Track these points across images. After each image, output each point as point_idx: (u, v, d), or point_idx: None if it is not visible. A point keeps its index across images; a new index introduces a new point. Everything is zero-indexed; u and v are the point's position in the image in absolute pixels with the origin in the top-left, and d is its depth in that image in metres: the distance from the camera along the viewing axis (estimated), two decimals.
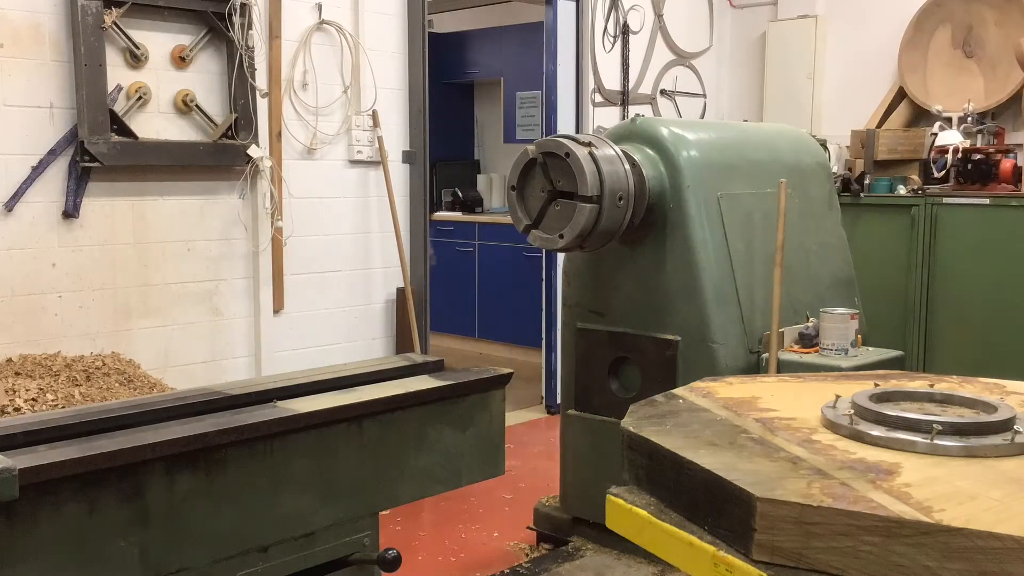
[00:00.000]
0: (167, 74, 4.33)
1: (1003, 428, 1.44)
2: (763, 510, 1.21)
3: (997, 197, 5.06)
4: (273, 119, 4.67)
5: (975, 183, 5.19)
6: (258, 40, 4.54)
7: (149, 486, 1.71)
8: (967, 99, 5.49)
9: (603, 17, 6.18)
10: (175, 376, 4.32)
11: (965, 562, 1.12)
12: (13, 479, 1.50)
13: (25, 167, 3.95)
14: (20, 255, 3.98)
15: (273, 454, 1.88)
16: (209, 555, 1.80)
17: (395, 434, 2.08)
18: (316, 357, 4.74)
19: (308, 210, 4.86)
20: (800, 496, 1.22)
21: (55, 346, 4.03)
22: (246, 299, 4.69)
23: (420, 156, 5.29)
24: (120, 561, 1.68)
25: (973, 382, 1.85)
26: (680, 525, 1.35)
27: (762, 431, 1.50)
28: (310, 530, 1.96)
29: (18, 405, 3.32)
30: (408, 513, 4.20)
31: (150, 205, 4.33)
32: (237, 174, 4.54)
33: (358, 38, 4.98)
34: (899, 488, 1.24)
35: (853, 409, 1.55)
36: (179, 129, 4.39)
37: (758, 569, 1.21)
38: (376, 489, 2.09)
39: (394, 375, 2.26)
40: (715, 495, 1.29)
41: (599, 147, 3.30)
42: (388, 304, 5.26)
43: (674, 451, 1.40)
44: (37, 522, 1.57)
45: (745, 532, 1.23)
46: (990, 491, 1.25)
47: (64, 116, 4.02)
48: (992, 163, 5.17)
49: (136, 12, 4.17)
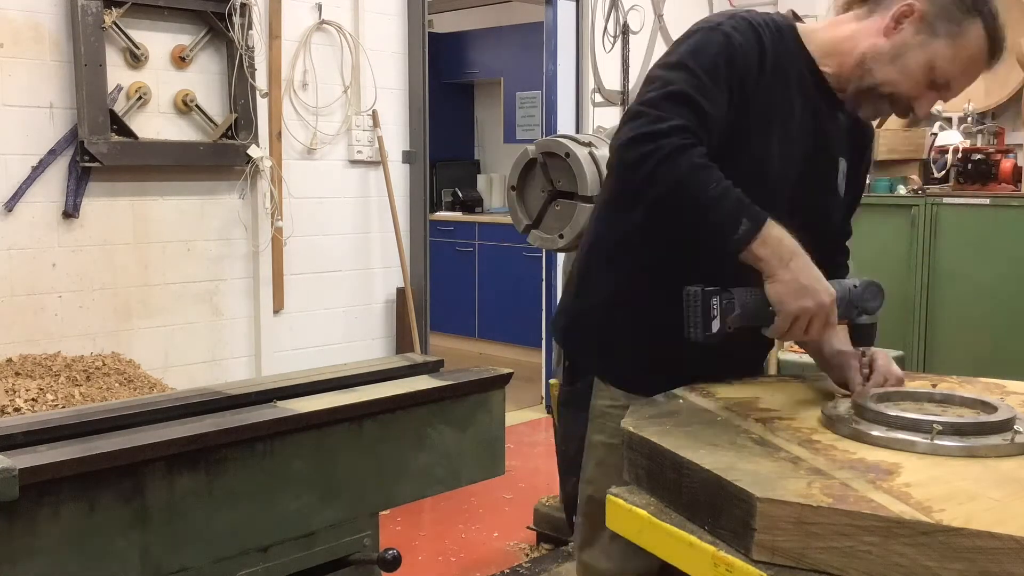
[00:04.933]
0: (167, 74, 4.33)
1: (1003, 428, 1.44)
2: (763, 510, 1.21)
3: (997, 197, 5.06)
4: (273, 119, 4.68)
5: (975, 183, 5.19)
6: (258, 40, 4.54)
7: (149, 486, 1.71)
8: (967, 99, 5.49)
9: (603, 17, 6.18)
10: (175, 376, 4.32)
11: (965, 562, 1.12)
12: (13, 479, 1.50)
13: (25, 167, 3.95)
14: (20, 255, 3.98)
15: (273, 454, 1.88)
16: (209, 555, 1.80)
17: (395, 434, 2.08)
18: (316, 357, 4.74)
19: (308, 210, 4.86)
20: (800, 496, 1.22)
21: (55, 346, 4.03)
22: (246, 299, 4.69)
23: (420, 156, 5.29)
24: (120, 561, 1.68)
25: (973, 382, 1.85)
26: (680, 525, 1.35)
27: (762, 431, 1.51)
28: (310, 530, 1.96)
29: (18, 405, 3.32)
30: (408, 513, 4.20)
31: (150, 205, 4.33)
32: (237, 174, 4.54)
33: (358, 38, 4.98)
34: (899, 488, 1.25)
35: (853, 409, 1.55)
36: (179, 129, 4.39)
37: (758, 569, 1.21)
38: (376, 489, 2.09)
39: (394, 375, 2.26)
40: (715, 495, 1.29)
41: (599, 147, 3.30)
42: (388, 304, 5.26)
43: (674, 451, 1.40)
44: (37, 522, 1.57)
45: (745, 532, 1.23)
46: (990, 491, 1.25)
47: (64, 116, 4.03)
48: (992, 163, 5.17)
49: (136, 12, 4.17)
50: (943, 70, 1.70)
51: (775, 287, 1.59)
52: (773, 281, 1.59)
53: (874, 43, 1.73)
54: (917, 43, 1.70)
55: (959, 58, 1.70)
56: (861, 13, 1.79)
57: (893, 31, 1.71)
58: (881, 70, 1.72)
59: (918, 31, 1.70)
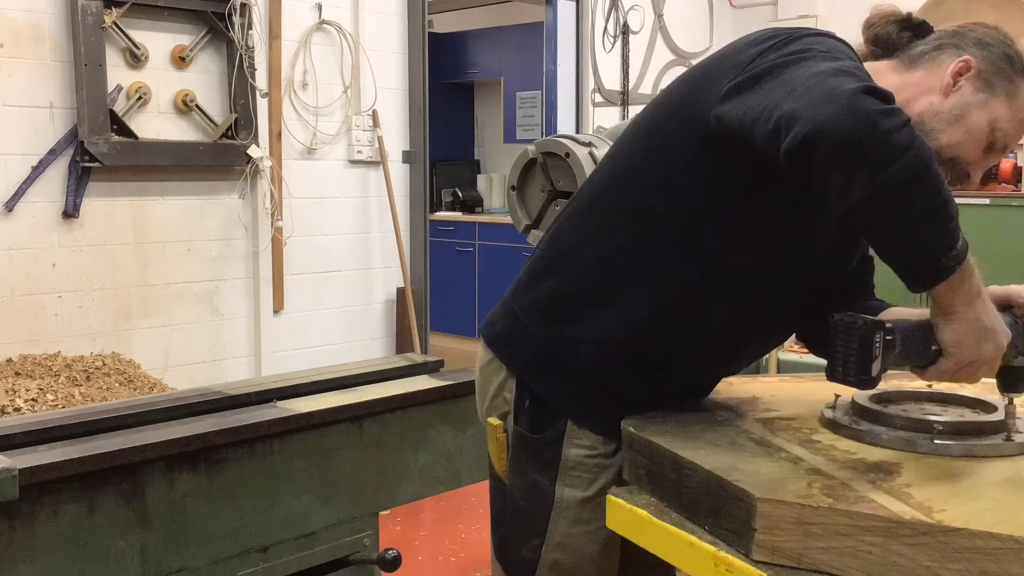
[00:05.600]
0: (167, 74, 4.33)
1: (1003, 428, 1.44)
2: (763, 510, 1.21)
3: (997, 197, 5.05)
4: (273, 119, 4.68)
5: (975, 183, 5.19)
6: (258, 40, 4.54)
7: (149, 486, 1.71)
8: None
9: (603, 17, 6.18)
10: (175, 376, 4.32)
11: (965, 562, 1.12)
12: (13, 479, 1.50)
13: (25, 167, 3.95)
14: (20, 255, 3.98)
15: (273, 454, 1.89)
16: (209, 555, 1.80)
17: (395, 434, 2.09)
18: (316, 357, 4.74)
19: (308, 210, 4.86)
20: (800, 496, 1.22)
21: (55, 346, 4.03)
22: (246, 299, 4.69)
23: (420, 156, 5.29)
24: (120, 561, 1.68)
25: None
26: (680, 525, 1.35)
27: (762, 431, 1.51)
28: (310, 530, 1.96)
29: (18, 405, 3.32)
30: (408, 513, 4.20)
31: (150, 205, 4.33)
32: (237, 174, 4.54)
33: (358, 38, 4.98)
34: (899, 488, 1.24)
35: (853, 409, 1.55)
36: (179, 129, 4.39)
37: (758, 569, 1.21)
38: (376, 489, 2.09)
39: (394, 375, 2.27)
40: (715, 495, 1.29)
41: (599, 147, 3.30)
42: (388, 304, 5.26)
43: (674, 451, 1.40)
44: (37, 522, 1.57)
45: (745, 532, 1.23)
46: (990, 491, 1.25)
47: (64, 116, 4.02)
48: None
49: (136, 12, 4.17)
50: (1002, 131, 1.56)
51: (956, 327, 1.35)
52: (955, 320, 1.35)
53: (931, 102, 1.54)
54: (978, 102, 1.54)
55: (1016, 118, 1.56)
56: (899, 65, 1.60)
57: (952, 89, 1.54)
58: (945, 132, 1.53)
59: (977, 89, 1.54)
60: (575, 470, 1.57)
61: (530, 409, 1.60)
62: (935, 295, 1.34)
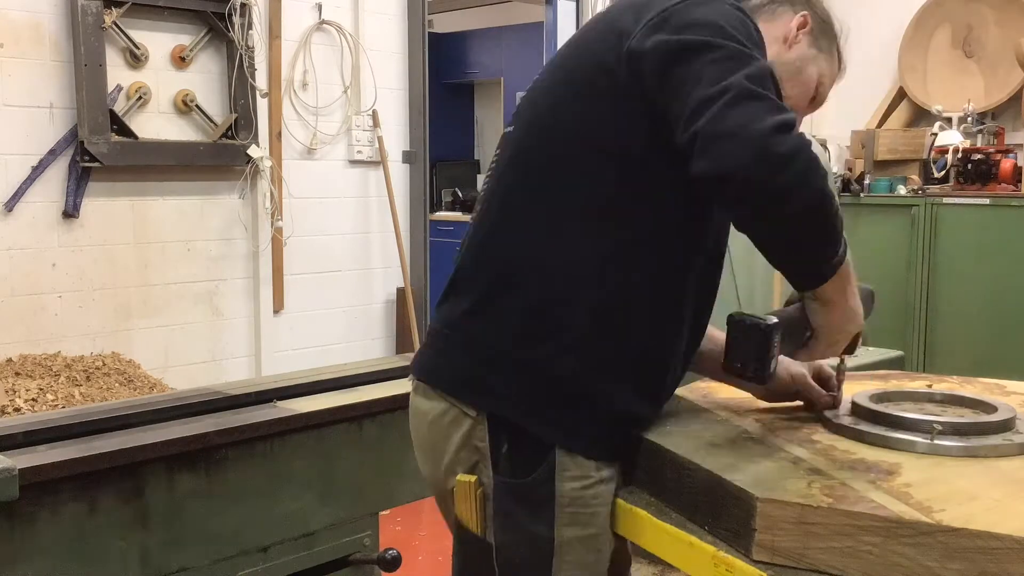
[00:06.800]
0: (167, 74, 4.33)
1: (1003, 428, 1.44)
2: (763, 510, 1.21)
3: (997, 197, 5.05)
4: (273, 119, 4.68)
5: (975, 183, 5.19)
6: (258, 40, 4.55)
7: (149, 486, 1.71)
8: (967, 99, 5.49)
9: None
10: (175, 376, 4.32)
11: (965, 562, 1.12)
12: (13, 479, 1.50)
13: (25, 167, 3.95)
14: (20, 255, 3.98)
15: (273, 454, 1.89)
16: (209, 555, 1.80)
17: (395, 434, 2.08)
18: (316, 357, 4.74)
19: (308, 210, 4.86)
20: (800, 496, 1.22)
21: (55, 346, 4.03)
22: (246, 299, 4.69)
23: (420, 156, 5.29)
24: (120, 561, 1.68)
25: (973, 382, 1.85)
26: (680, 525, 1.35)
27: (762, 431, 1.51)
28: (310, 530, 1.96)
29: (18, 405, 3.32)
30: (408, 513, 4.20)
31: (150, 205, 4.33)
32: (237, 174, 4.54)
33: (358, 38, 4.98)
34: (899, 488, 1.24)
35: (853, 409, 1.55)
36: (179, 129, 4.39)
37: (758, 569, 1.21)
38: (376, 489, 2.09)
39: (394, 375, 2.26)
40: (715, 495, 1.29)
41: None
42: (388, 304, 5.26)
43: (674, 451, 1.40)
44: (37, 522, 1.57)
45: (745, 532, 1.23)
46: (990, 491, 1.25)
47: (64, 116, 4.03)
48: (992, 163, 5.17)
49: (136, 12, 4.17)
50: (824, 86, 1.62)
51: (836, 313, 1.41)
52: (836, 307, 1.40)
53: (776, 52, 1.56)
54: (810, 56, 1.60)
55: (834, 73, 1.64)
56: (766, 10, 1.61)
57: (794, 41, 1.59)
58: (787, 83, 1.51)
59: (810, 44, 1.60)
60: (571, 507, 1.44)
61: (510, 453, 1.45)
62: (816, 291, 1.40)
